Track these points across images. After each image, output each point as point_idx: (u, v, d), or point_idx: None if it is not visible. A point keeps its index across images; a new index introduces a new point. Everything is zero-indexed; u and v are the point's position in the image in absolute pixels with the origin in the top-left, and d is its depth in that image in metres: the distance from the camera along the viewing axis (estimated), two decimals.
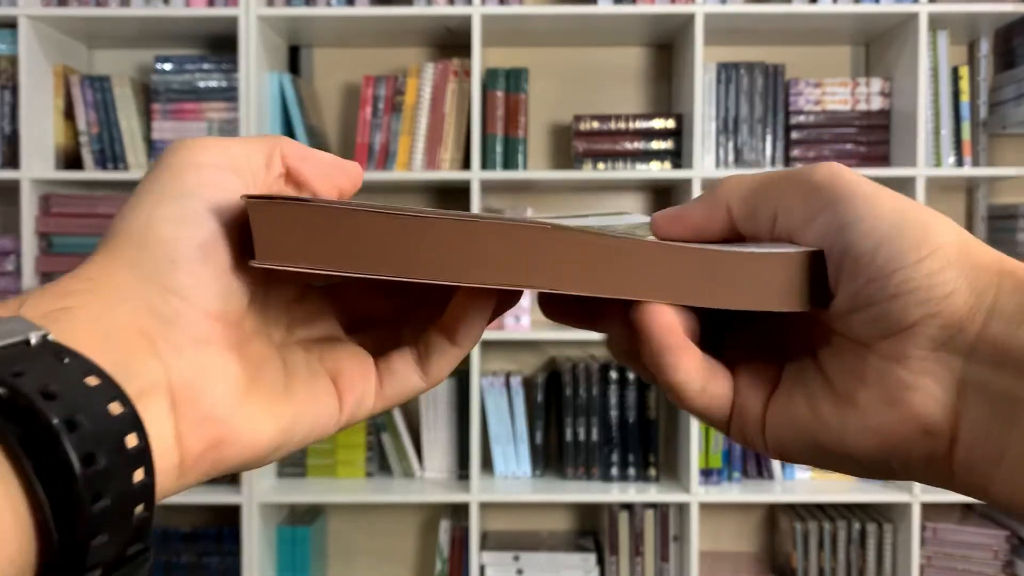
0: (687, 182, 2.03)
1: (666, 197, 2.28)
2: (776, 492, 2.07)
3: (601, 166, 2.09)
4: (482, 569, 2.09)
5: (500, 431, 2.11)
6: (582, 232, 0.29)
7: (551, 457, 2.21)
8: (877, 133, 2.13)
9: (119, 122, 2.10)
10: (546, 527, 2.30)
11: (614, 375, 2.10)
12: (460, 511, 2.19)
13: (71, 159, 2.13)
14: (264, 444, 0.29)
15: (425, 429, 2.17)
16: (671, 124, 2.09)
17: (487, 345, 2.20)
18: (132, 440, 0.23)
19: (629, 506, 2.12)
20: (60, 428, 0.21)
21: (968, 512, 2.19)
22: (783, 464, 2.11)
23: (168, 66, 2.12)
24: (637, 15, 2.01)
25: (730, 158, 2.12)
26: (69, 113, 2.13)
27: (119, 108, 2.10)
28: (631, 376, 2.10)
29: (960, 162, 2.09)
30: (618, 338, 0.34)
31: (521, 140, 2.08)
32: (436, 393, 2.15)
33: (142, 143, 2.10)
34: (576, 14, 1.99)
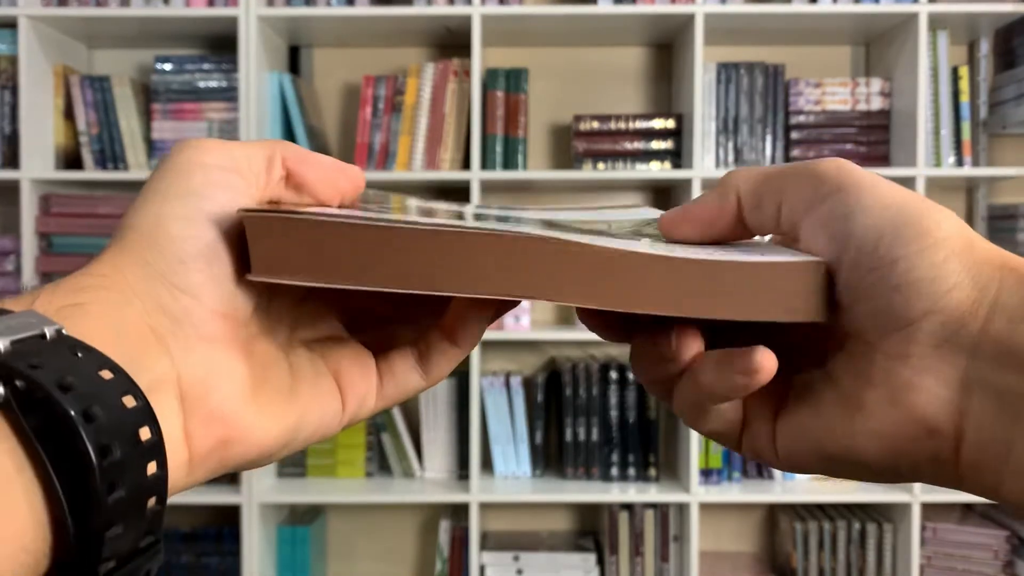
0: (687, 182, 2.03)
1: (666, 197, 2.29)
2: (776, 492, 2.07)
3: (601, 166, 2.09)
4: (482, 569, 2.09)
5: (500, 431, 2.11)
6: (576, 244, 0.29)
7: (551, 457, 2.21)
8: (877, 133, 2.13)
9: (119, 122, 2.10)
10: (546, 527, 2.30)
11: (614, 375, 2.10)
12: (460, 511, 2.19)
13: (71, 159, 2.13)
14: (270, 443, 0.29)
15: (425, 429, 2.17)
16: (671, 124, 2.09)
17: (487, 345, 2.20)
18: (146, 433, 0.23)
19: (629, 506, 2.12)
20: (77, 420, 0.22)
21: (968, 512, 2.19)
22: None
23: (168, 66, 2.12)
24: (637, 15, 2.01)
25: (730, 158, 2.12)
26: (69, 113, 2.13)
27: (119, 108, 2.10)
28: (631, 376, 2.10)
29: (960, 162, 2.09)
30: (644, 356, 0.33)
31: (521, 140, 2.08)
32: (436, 393, 2.15)
33: (142, 143, 2.10)
34: (576, 14, 1.99)
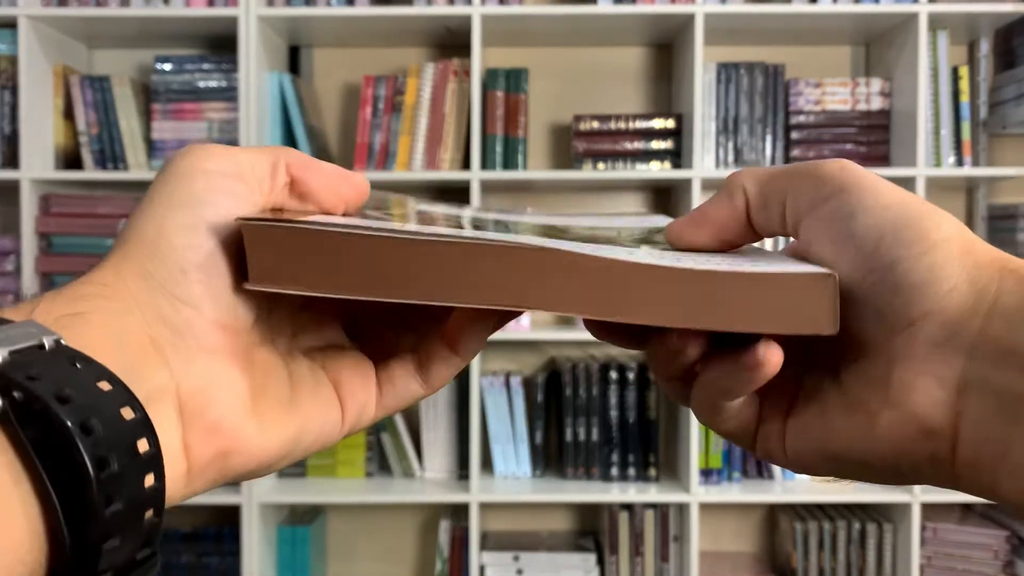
0: (687, 182, 2.03)
1: (666, 197, 2.29)
2: (776, 492, 2.07)
3: (601, 166, 2.09)
4: (482, 569, 2.09)
5: (500, 431, 2.11)
6: (574, 254, 0.28)
7: (551, 457, 2.21)
8: (877, 133, 2.13)
9: (119, 122, 2.10)
10: (546, 527, 2.30)
11: (614, 375, 2.10)
12: (460, 511, 2.19)
13: (71, 159, 2.13)
14: (270, 454, 0.29)
15: (425, 429, 2.17)
16: (671, 124, 2.09)
17: (487, 345, 2.19)
18: (143, 445, 0.23)
19: (629, 506, 2.12)
20: (75, 432, 0.22)
21: (968, 512, 2.19)
22: None
23: (168, 66, 2.12)
24: (637, 15, 2.01)
25: (730, 158, 2.12)
26: (69, 113, 2.13)
27: (119, 108, 2.10)
28: (631, 376, 2.10)
29: (960, 162, 2.09)
30: (657, 355, 0.33)
31: (521, 140, 2.08)
32: (436, 393, 2.15)
33: (142, 143, 2.10)
34: (576, 14, 1.99)
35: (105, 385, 0.23)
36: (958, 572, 2.08)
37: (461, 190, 2.09)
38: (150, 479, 0.23)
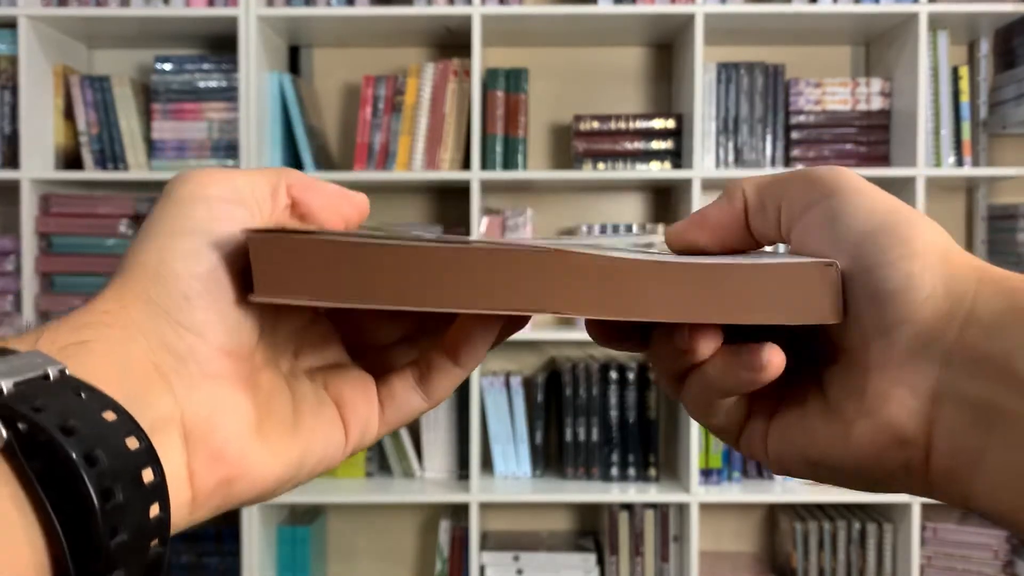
0: (687, 182, 2.03)
1: (666, 197, 2.28)
2: (776, 492, 2.07)
3: (601, 166, 2.09)
4: (482, 569, 2.09)
5: (500, 431, 2.12)
6: (585, 255, 0.29)
7: (551, 457, 2.21)
8: (877, 133, 2.13)
9: (119, 122, 2.09)
10: (546, 527, 2.30)
11: (614, 375, 2.10)
12: (460, 511, 2.20)
13: (71, 159, 2.13)
14: (274, 479, 0.29)
15: (425, 429, 2.17)
16: (671, 124, 2.09)
17: None
18: (148, 475, 0.23)
19: (629, 506, 2.12)
20: (80, 463, 0.22)
21: (968, 512, 2.19)
22: None
23: (168, 66, 2.12)
24: (637, 15, 2.01)
25: (730, 158, 2.12)
26: (69, 113, 2.12)
27: (119, 108, 2.09)
28: (631, 376, 2.10)
29: (960, 162, 2.09)
30: (662, 352, 0.33)
31: (521, 140, 2.08)
32: None
33: (142, 143, 2.10)
34: (576, 14, 1.99)
35: (110, 415, 0.23)
36: (958, 572, 2.09)
37: (461, 190, 2.09)
38: (155, 509, 0.23)
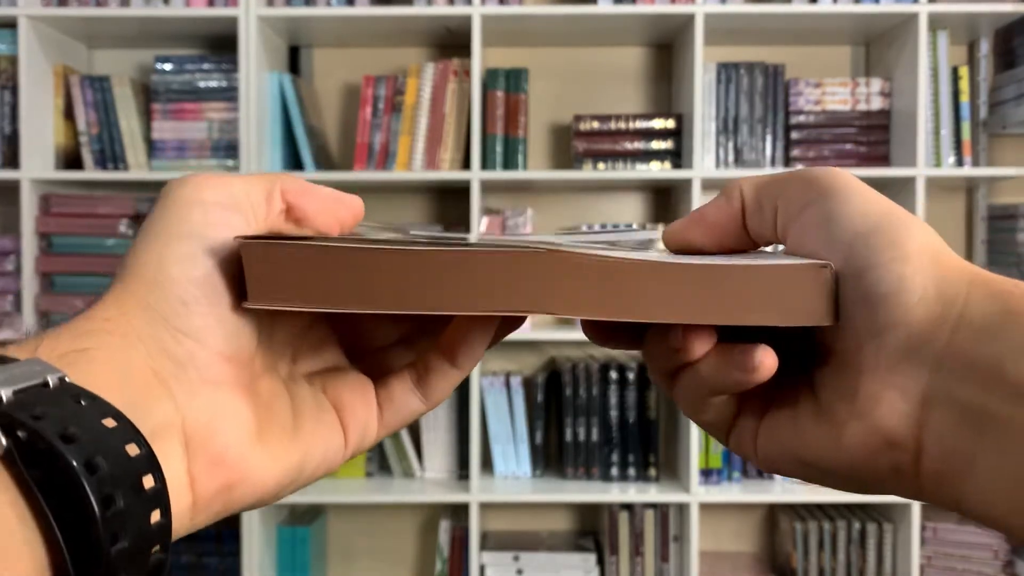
0: (687, 182, 2.03)
1: (666, 197, 2.28)
2: (776, 492, 2.07)
3: (601, 166, 2.09)
4: (482, 569, 2.09)
5: (500, 431, 2.12)
6: (579, 255, 0.28)
7: (551, 457, 2.21)
8: (877, 133, 2.13)
9: (119, 122, 2.09)
10: (546, 527, 2.30)
11: (614, 375, 2.10)
12: (460, 511, 2.20)
13: (71, 159, 2.13)
14: (274, 484, 0.29)
15: (425, 429, 2.17)
16: (671, 124, 2.09)
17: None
18: (149, 481, 0.23)
19: (629, 506, 2.12)
20: (80, 471, 0.22)
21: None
22: None
23: (168, 66, 2.12)
24: (637, 15, 2.01)
25: (730, 158, 2.12)
26: (69, 113, 2.12)
27: (119, 108, 2.09)
28: (631, 376, 2.10)
29: (960, 162, 2.09)
30: (656, 350, 0.33)
31: (521, 140, 2.08)
32: None
33: (142, 143, 2.10)
34: (576, 14, 1.99)
35: (110, 422, 0.23)
36: (958, 572, 2.09)
37: (461, 190, 2.09)
38: (156, 515, 0.23)
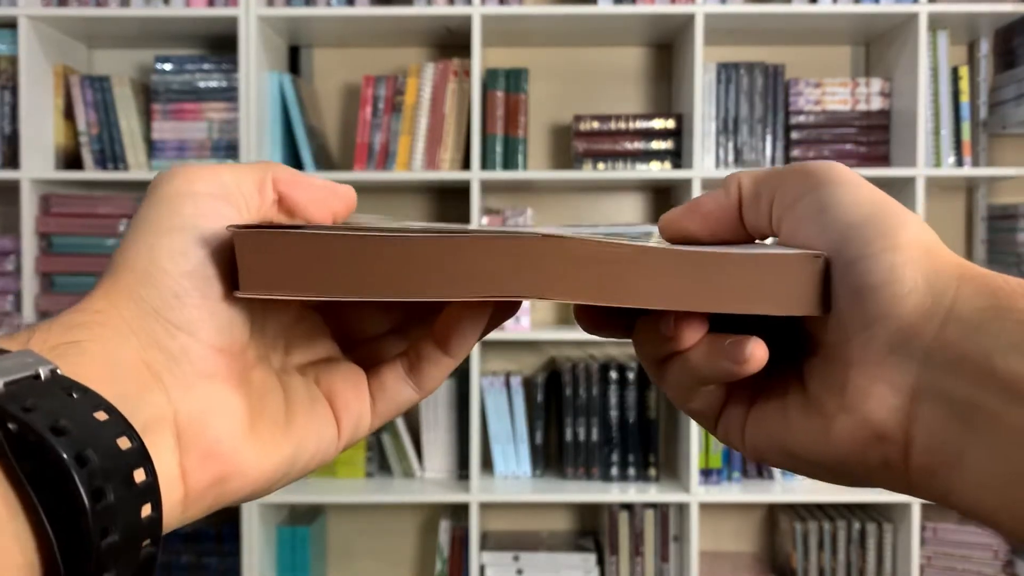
0: (687, 182, 2.03)
1: (666, 197, 2.28)
2: (776, 492, 2.07)
3: (601, 166, 2.09)
4: (482, 569, 2.09)
5: (500, 431, 2.12)
6: (572, 239, 0.28)
7: (551, 457, 2.21)
8: (877, 133, 2.12)
9: (119, 122, 2.10)
10: (546, 527, 2.30)
11: (614, 375, 2.10)
12: (460, 511, 2.20)
13: (71, 159, 2.13)
14: (267, 477, 0.29)
15: (425, 429, 2.17)
16: (671, 124, 2.09)
17: (487, 345, 2.20)
18: (140, 475, 0.23)
19: (629, 506, 2.12)
20: (70, 464, 0.22)
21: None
22: None
23: (168, 66, 2.12)
24: (637, 15, 2.01)
25: (730, 158, 2.12)
26: (69, 113, 2.12)
27: (119, 108, 2.10)
28: (631, 376, 2.10)
29: (960, 162, 2.09)
30: (646, 336, 0.33)
31: (521, 140, 2.08)
32: (436, 393, 2.15)
33: (142, 143, 2.10)
34: (576, 14, 1.99)
35: (101, 415, 0.23)
36: (958, 572, 2.09)
37: (461, 190, 2.09)
38: (147, 509, 0.23)
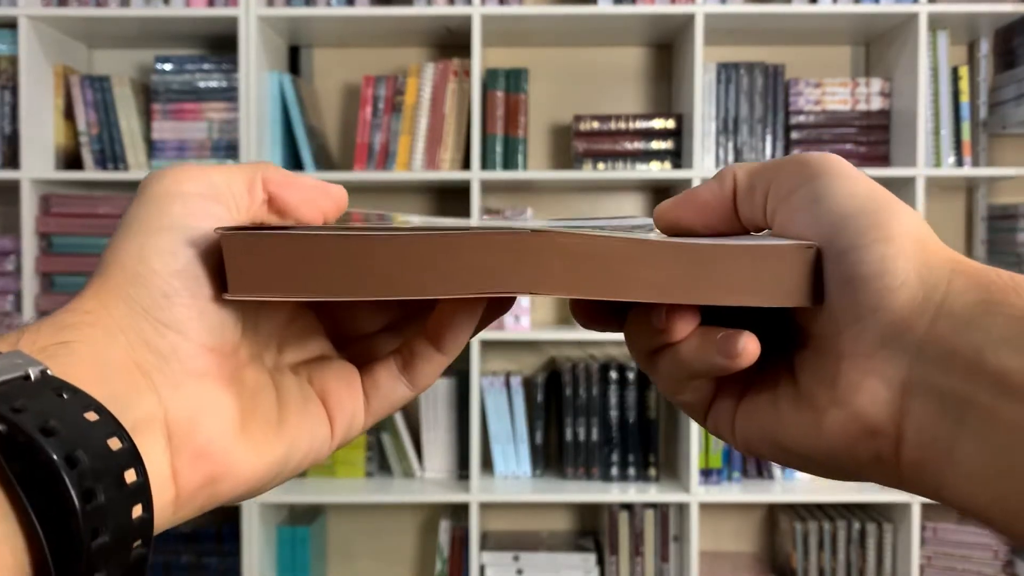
0: (687, 182, 2.03)
1: (666, 197, 2.27)
2: (776, 492, 2.07)
3: (601, 166, 2.09)
4: (482, 569, 2.09)
5: (500, 431, 2.12)
6: (563, 234, 0.28)
7: (551, 457, 2.21)
8: (877, 133, 2.12)
9: (119, 122, 2.10)
10: (546, 527, 2.30)
11: (614, 375, 2.10)
12: (460, 511, 2.20)
13: (71, 159, 2.13)
14: (259, 477, 0.29)
15: (425, 429, 2.17)
16: (671, 124, 2.09)
17: (487, 345, 2.20)
18: (131, 475, 0.23)
19: (629, 506, 2.12)
20: (60, 464, 0.21)
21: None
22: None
23: (168, 66, 2.12)
24: (637, 15, 2.01)
25: (730, 158, 2.11)
26: (69, 113, 2.13)
27: (119, 108, 2.10)
28: (631, 376, 2.10)
29: (960, 162, 2.08)
30: (637, 329, 0.33)
31: (521, 140, 2.08)
32: (436, 393, 2.15)
33: (142, 143, 2.10)
34: (576, 14, 1.99)
35: (91, 415, 0.23)
36: (958, 572, 2.08)
37: (461, 190, 2.09)
38: (138, 510, 0.23)
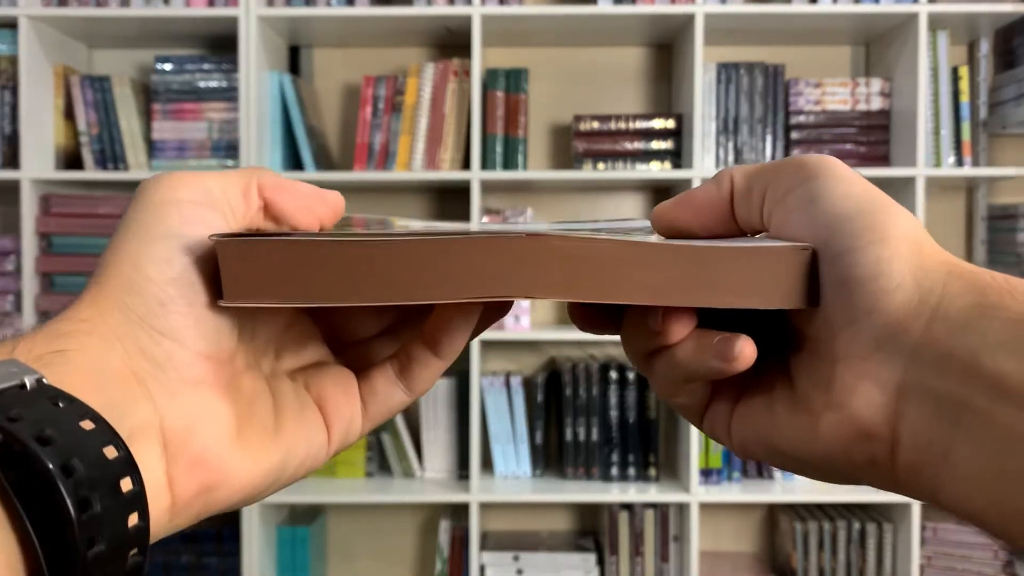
0: (687, 182, 2.03)
1: (666, 197, 2.26)
2: (776, 492, 2.07)
3: (601, 166, 2.09)
4: (482, 569, 2.09)
5: (500, 431, 2.12)
6: (558, 237, 0.28)
7: (551, 457, 2.21)
8: (877, 133, 2.12)
9: (119, 122, 2.10)
10: (546, 527, 2.30)
11: (614, 375, 2.10)
12: (460, 511, 2.20)
13: (71, 159, 2.13)
14: (256, 484, 0.29)
15: (425, 429, 2.17)
16: (671, 124, 2.09)
17: (487, 345, 2.20)
18: (127, 484, 0.23)
19: (629, 506, 2.12)
20: (56, 473, 0.21)
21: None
22: None
23: (168, 66, 2.12)
24: (637, 15, 2.01)
25: (730, 158, 2.11)
26: (69, 113, 2.13)
27: (119, 108, 2.10)
28: (631, 376, 2.10)
29: (960, 162, 2.08)
30: (634, 331, 0.33)
31: (521, 140, 2.08)
32: (436, 393, 2.15)
33: (142, 143, 2.10)
34: (576, 14, 1.99)
35: (88, 424, 0.23)
36: (958, 572, 2.08)
37: (461, 190, 2.09)
38: (134, 518, 0.23)
